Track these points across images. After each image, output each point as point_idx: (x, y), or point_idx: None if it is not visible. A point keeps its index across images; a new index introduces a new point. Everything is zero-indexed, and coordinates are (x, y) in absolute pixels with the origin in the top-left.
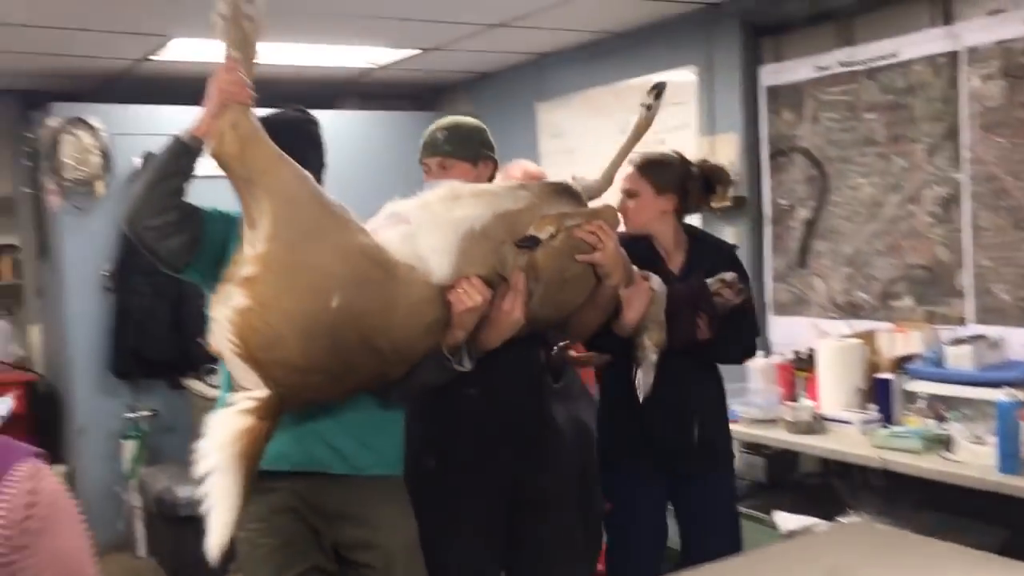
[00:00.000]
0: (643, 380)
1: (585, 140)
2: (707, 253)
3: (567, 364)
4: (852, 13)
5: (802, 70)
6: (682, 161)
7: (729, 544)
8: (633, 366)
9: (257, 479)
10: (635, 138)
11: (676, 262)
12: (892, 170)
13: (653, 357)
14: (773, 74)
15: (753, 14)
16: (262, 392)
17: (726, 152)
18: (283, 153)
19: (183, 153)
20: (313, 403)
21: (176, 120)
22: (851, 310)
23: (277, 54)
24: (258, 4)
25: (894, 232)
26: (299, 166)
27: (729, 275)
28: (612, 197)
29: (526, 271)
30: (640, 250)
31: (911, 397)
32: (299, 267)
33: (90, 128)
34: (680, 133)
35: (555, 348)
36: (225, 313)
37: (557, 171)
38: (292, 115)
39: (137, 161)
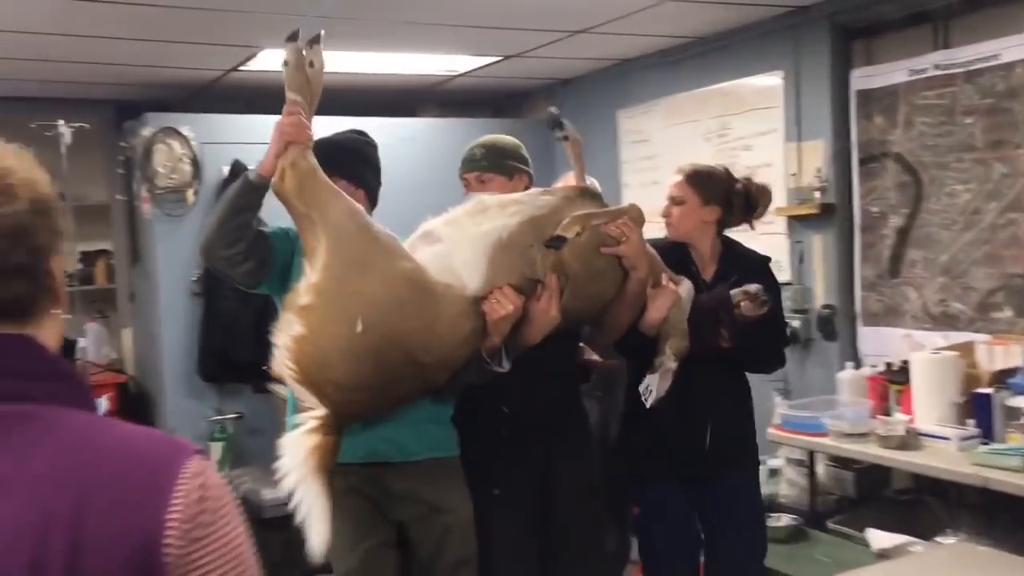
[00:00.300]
0: (657, 386)
1: (667, 147)
2: (738, 263)
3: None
4: (949, 15)
5: (895, 73)
6: (729, 176)
7: (750, 545)
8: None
9: None
10: (579, 164)
11: (709, 272)
12: (992, 176)
13: (672, 365)
14: (864, 78)
15: (843, 16)
16: (321, 411)
17: (813, 158)
18: (338, 189)
19: (250, 190)
20: (367, 416)
21: (264, 129)
22: (946, 321)
23: (358, 62)
24: (319, 52)
25: (994, 241)
26: (352, 200)
27: (753, 287)
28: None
29: (555, 269)
30: (677, 257)
31: (1013, 413)
32: (348, 295)
33: (181, 137)
34: (766, 138)
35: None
36: (284, 340)
37: (638, 178)
38: (352, 137)
39: (225, 170)
